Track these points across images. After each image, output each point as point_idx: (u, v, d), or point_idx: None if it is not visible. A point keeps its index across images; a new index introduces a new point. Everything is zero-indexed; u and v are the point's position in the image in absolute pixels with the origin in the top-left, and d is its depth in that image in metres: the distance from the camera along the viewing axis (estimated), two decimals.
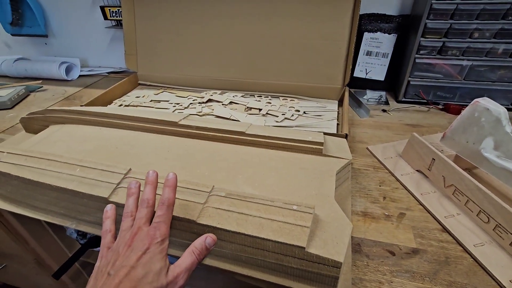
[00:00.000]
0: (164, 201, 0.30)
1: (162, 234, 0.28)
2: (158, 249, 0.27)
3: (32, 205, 0.41)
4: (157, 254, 0.27)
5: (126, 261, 0.26)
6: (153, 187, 0.32)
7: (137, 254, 0.26)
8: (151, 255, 0.26)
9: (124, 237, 0.28)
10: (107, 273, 0.26)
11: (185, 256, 0.28)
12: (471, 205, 0.37)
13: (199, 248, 0.29)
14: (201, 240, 0.29)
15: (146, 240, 0.27)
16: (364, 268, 0.34)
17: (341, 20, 0.64)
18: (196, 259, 0.29)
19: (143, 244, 0.27)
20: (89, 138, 0.50)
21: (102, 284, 0.25)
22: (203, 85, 0.78)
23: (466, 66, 0.62)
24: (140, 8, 0.76)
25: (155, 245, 0.27)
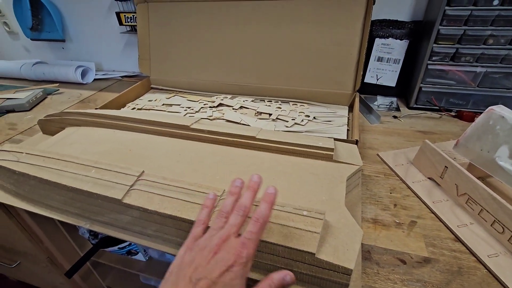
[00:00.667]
0: (259, 218, 0.28)
1: (248, 254, 0.26)
2: (240, 271, 0.25)
3: (49, 205, 0.42)
4: (238, 277, 0.25)
5: (209, 273, 0.25)
6: (254, 194, 0.31)
7: (220, 269, 0.25)
8: (233, 276, 0.25)
9: (212, 239, 0.27)
10: (188, 277, 0.25)
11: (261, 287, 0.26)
12: (485, 214, 0.37)
13: (276, 283, 0.27)
14: (280, 276, 0.27)
15: (232, 254, 0.26)
16: (374, 276, 0.33)
17: (352, 26, 0.65)
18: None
19: (228, 258, 0.26)
20: (103, 140, 0.52)
21: (182, 283, 0.25)
22: (214, 89, 0.79)
23: (480, 73, 0.61)
24: (154, 14, 0.78)
25: (240, 265, 0.26)
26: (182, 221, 0.33)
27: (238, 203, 0.30)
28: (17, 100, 0.78)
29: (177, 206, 0.34)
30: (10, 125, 0.71)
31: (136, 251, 0.74)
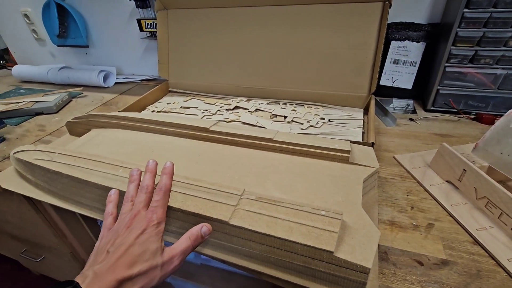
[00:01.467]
0: (162, 187, 0.33)
1: (158, 218, 0.31)
2: (154, 231, 0.29)
3: (79, 202, 0.45)
4: (153, 236, 0.29)
5: (125, 240, 0.28)
6: (152, 175, 0.35)
7: (135, 234, 0.29)
8: (148, 236, 0.29)
9: (124, 219, 0.31)
10: (106, 250, 0.28)
11: (181, 241, 0.30)
12: (505, 218, 0.36)
13: (194, 234, 0.31)
14: (198, 228, 0.31)
15: (144, 222, 0.30)
16: (391, 277, 0.34)
17: (368, 29, 0.65)
18: (191, 244, 0.30)
19: (141, 225, 0.29)
20: (127, 141, 0.54)
21: (101, 260, 0.27)
22: (230, 92, 0.81)
23: (500, 75, 0.60)
24: (173, 20, 0.81)
25: (152, 227, 0.30)
26: (204, 219, 0.35)
27: (140, 185, 0.34)
28: (45, 103, 0.82)
29: (200, 205, 0.36)
30: (40, 126, 0.75)
31: None
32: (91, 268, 0.26)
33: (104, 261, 0.27)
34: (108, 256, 0.27)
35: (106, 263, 0.27)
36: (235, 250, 0.35)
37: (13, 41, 1.25)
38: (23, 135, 0.71)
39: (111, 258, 0.27)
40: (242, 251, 0.35)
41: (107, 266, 0.26)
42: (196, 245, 0.31)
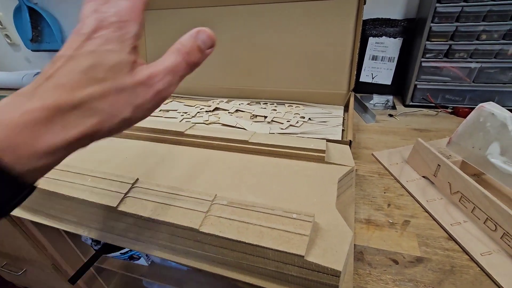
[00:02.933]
0: None
1: (124, 12, 0.18)
2: (114, 34, 0.17)
3: (48, 214, 0.44)
4: (112, 41, 0.17)
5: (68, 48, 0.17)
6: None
7: (80, 39, 0.17)
8: (101, 41, 0.17)
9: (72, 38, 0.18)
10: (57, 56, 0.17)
11: (166, 55, 0.20)
12: (478, 212, 0.37)
13: (187, 46, 0.20)
14: (190, 35, 0.20)
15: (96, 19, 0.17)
16: (366, 277, 0.34)
17: (344, 26, 0.65)
18: (181, 59, 0.20)
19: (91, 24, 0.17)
20: (100, 148, 0.53)
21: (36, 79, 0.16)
22: (211, 93, 0.79)
23: (475, 69, 0.61)
24: (150, 21, 0.79)
25: (111, 26, 0.17)
26: (175, 227, 0.34)
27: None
28: None
29: (170, 213, 0.35)
30: None
31: (138, 256, 0.75)
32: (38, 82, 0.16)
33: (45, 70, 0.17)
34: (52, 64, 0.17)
35: (34, 83, 0.16)
36: (208, 257, 0.34)
37: None
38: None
39: (41, 77, 0.16)
40: (215, 258, 0.34)
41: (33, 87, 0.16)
42: (191, 62, 0.20)
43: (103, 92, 0.17)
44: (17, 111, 0.15)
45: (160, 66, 0.19)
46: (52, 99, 0.15)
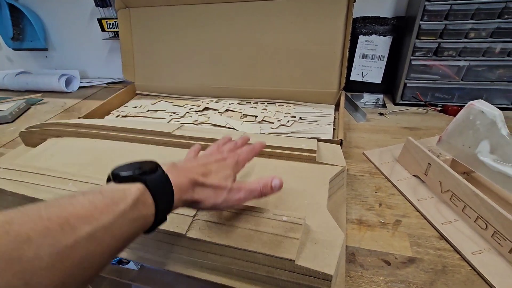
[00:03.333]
0: (251, 146, 0.35)
1: (239, 159, 0.32)
2: (232, 163, 0.31)
3: None
4: (230, 166, 0.30)
5: (204, 160, 0.30)
6: (244, 141, 0.37)
7: (215, 157, 0.31)
8: (226, 164, 0.30)
9: (208, 149, 0.34)
10: (188, 159, 0.31)
11: (251, 181, 0.30)
12: (469, 211, 0.36)
13: (264, 182, 0.30)
14: (268, 178, 0.30)
15: (226, 154, 0.32)
16: (358, 279, 0.33)
17: (334, 24, 0.64)
18: (259, 188, 0.29)
19: (223, 155, 0.31)
20: (85, 150, 0.51)
21: (181, 166, 0.28)
22: (200, 93, 0.78)
23: (463, 67, 0.61)
24: (136, 19, 0.77)
25: (232, 159, 0.31)
26: (161, 233, 0.32)
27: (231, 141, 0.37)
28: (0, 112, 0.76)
29: None
30: None
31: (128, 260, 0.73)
32: (172, 162, 0.28)
33: (183, 162, 0.29)
34: (188, 161, 0.29)
35: (184, 164, 0.28)
36: (196, 263, 0.33)
37: None
38: None
39: (189, 163, 0.29)
40: (203, 264, 0.33)
41: (185, 167, 0.28)
42: (264, 193, 0.30)
43: (217, 185, 0.28)
44: (182, 178, 0.26)
45: (246, 185, 0.29)
46: (194, 176, 0.27)
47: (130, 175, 0.23)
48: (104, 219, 0.19)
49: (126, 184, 0.22)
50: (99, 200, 0.20)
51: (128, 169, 0.24)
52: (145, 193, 0.22)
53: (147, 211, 0.22)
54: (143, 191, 0.22)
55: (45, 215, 0.17)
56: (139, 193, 0.22)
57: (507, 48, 0.57)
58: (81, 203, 0.19)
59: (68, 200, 0.19)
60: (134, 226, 0.21)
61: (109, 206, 0.20)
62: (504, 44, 0.57)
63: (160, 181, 0.24)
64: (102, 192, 0.21)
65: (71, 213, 0.18)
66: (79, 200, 0.19)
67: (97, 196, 0.20)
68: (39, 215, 0.17)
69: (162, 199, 0.23)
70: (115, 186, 0.22)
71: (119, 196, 0.21)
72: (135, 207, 0.21)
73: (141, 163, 0.25)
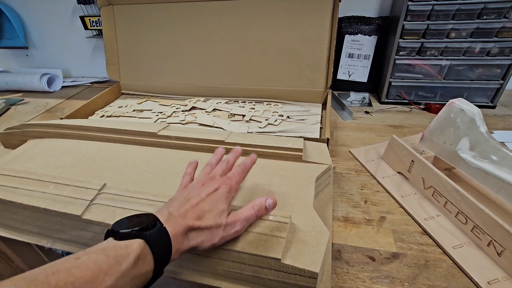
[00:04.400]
0: (242, 164, 0.34)
1: (231, 185, 0.31)
2: (225, 194, 0.30)
3: (6, 225, 0.40)
4: (223, 198, 0.30)
5: (198, 194, 0.29)
6: (236, 155, 0.36)
7: (207, 191, 0.30)
8: (219, 196, 0.29)
9: (200, 179, 0.32)
10: (182, 198, 0.29)
11: (245, 209, 0.30)
12: (450, 206, 0.38)
13: (258, 205, 0.30)
14: (262, 199, 0.30)
15: (218, 183, 0.31)
16: (344, 276, 0.33)
17: (320, 24, 0.65)
18: (254, 213, 0.29)
19: (214, 185, 0.30)
20: (66, 152, 0.49)
21: (174, 205, 0.28)
22: (187, 92, 0.77)
23: (445, 66, 0.63)
24: (120, 17, 0.76)
25: (224, 188, 0.30)
26: None
27: (223, 158, 0.36)
28: None
29: None
30: None
31: None
32: (167, 209, 0.28)
33: (176, 206, 0.28)
34: (182, 204, 0.29)
35: (179, 208, 0.28)
36: (183, 265, 0.33)
37: None
38: None
39: (183, 206, 0.28)
40: (189, 265, 0.32)
41: (179, 212, 0.27)
42: (259, 216, 0.30)
43: (211, 225, 0.28)
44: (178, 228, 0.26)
45: (241, 215, 0.29)
46: (190, 222, 0.27)
47: (130, 232, 0.24)
48: (108, 281, 0.20)
49: (127, 241, 0.23)
50: (103, 261, 0.21)
51: (128, 226, 0.24)
52: (145, 249, 0.23)
53: (146, 267, 0.23)
54: (144, 247, 0.23)
55: (53, 282, 0.18)
56: (140, 249, 0.23)
57: (486, 48, 0.59)
58: (86, 265, 0.20)
59: (74, 262, 0.20)
60: (134, 283, 0.22)
61: (112, 267, 0.21)
62: (483, 44, 0.59)
63: (159, 236, 0.24)
64: (105, 251, 0.22)
65: (77, 278, 0.19)
66: (85, 262, 0.20)
67: (102, 257, 0.21)
68: (48, 283, 0.18)
69: (161, 254, 0.24)
70: (117, 244, 0.23)
71: (121, 254, 0.22)
72: (136, 265, 0.22)
73: (139, 217, 0.26)
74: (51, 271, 0.19)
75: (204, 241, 0.27)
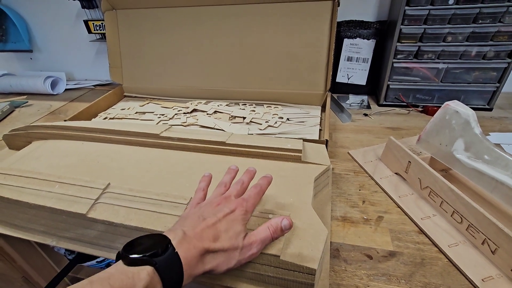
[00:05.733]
0: (258, 186, 0.32)
1: (247, 207, 0.30)
2: (241, 215, 0.29)
3: (13, 224, 0.41)
4: (240, 220, 0.28)
5: (214, 214, 0.28)
6: (250, 176, 0.35)
7: (224, 212, 0.28)
8: (235, 217, 0.28)
9: (215, 198, 0.31)
10: (197, 216, 0.28)
11: (260, 230, 0.29)
12: (446, 206, 0.38)
13: (274, 226, 0.29)
14: (278, 220, 0.29)
15: (234, 204, 0.29)
16: (342, 273, 0.34)
17: (320, 28, 0.66)
18: (270, 235, 0.28)
19: (230, 206, 0.29)
20: (71, 153, 0.50)
21: (189, 223, 0.27)
22: (189, 95, 0.78)
23: (442, 69, 0.64)
24: (124, 21, 0.77)
25: (240, 211, 0.29)
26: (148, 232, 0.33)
27: (236, 179, 0.34)
28: None
29: (143, 218, 0.34)
30: None
31: None
32: (181, 228, 0.26)
33: (191, 226, 0.27)
34: (196, 223, 0.27)
35: (194, 227, 0.26)
36: None
37: None
38: None
39: (198, 226, 0.27)
40: None
41: (194, 232, 0.26)
42: (275, 237, 0.29)
43: (228, 247, 0.27)
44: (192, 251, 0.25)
45: (257, 236, 0.28)
46: (206, 244, 0.25)
47: (140, 258, 0.22)
48: None
49: (135, 268, 0.22)
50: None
51: (138, 250, 0.23)
52: (154, 278, 0.22)
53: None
54: (153, 276, 0.22)
55: None
56: (149, 279, 0.21)
57: (482, 52, 0.60)
58: None
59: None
60: None
61: None
62: (479, 48, 0.60)
63: (170, 262, 0.23)
64: (111, 281, 0.20)
65: None
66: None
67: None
68: None
69: (171, 281, 0.23)
70: (125, 272, 0.21)
71: (127, 286, 0.20)
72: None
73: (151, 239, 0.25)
74: None
75: (219, 264, 0.26)
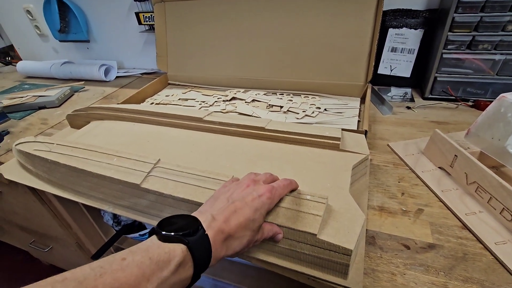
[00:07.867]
0: (288, 180, 0.34)
1: (274, 195, 0.31)
2: (267, 202, 0.30)
3: (77, 191, 0.47)
4: (265, 206, 0.29)
5: (243, 198, 0.29)
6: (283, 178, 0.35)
7: (252, 196, 0.29)
8: (261, 204, 0.29)
9: (245, 180, 0.32)
10: (226, 198, 0.30)
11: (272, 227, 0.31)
12: (494, 202, 0.36)
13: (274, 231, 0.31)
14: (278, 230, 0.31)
15: (263, 189, 0.30)
16: (377, 260, 0.34)
17: (364, 17, 0.64)
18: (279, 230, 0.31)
19: (259, 190, 0.30)
20: (124, 132, 0.55)
21: (219, 206, 0.29)
22: (228, 84, 0.81)
23: (499, 61, 0.59)
24: (171, 13, 0.82)
25: (268, 198, 0.30)
26: (194, 204, 0.36)
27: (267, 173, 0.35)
28: (48, 97, 0.84)
29: (189, 191, 0.37)
30: (42, 120, 0.77)
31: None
32: (210, 212, 0.28)
33: (220, 209, 0.28)
34: (227, 204, 0.29)
35: (223, 211, 0.28)
36: None
37: (17, 38, 1.27)
38: (27, 128, 0.73)
39: (227, 209, 0.28)
40: None
41: (223, 216, 0.27)
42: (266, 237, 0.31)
43: (248, 239, 0.28)
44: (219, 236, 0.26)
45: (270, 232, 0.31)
46: (232, 229, 0.27)
47: (174, 236, 0.24)
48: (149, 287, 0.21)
49: (171, 244, 0.24)
50: (146, 266, 0.21)
51: (172, 228, 0.25)
52: (187, 256, 0.24)
53: (186, 274, 0.24)
54: (186, 254, 0.24)
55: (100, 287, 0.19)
56: (182, 256, 0.23)
57: None
58: (130, 269, 0.21)
59: (120, 264, 0.21)
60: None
61: (154, 272, 0.21)
62: None
63: (201, 243, 0.25)
64: (149, 253, 0.22)
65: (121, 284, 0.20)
66: (129, 265, 0.21)
67: (145, 260, 0.22)
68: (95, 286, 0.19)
69: (201, 261, 0.25)
70: (161, 247, 0.23)
71: (164, 260, 0.22)
72: (177, 271, 0.23)
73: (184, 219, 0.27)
74: (99, 273, 0.20)
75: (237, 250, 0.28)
